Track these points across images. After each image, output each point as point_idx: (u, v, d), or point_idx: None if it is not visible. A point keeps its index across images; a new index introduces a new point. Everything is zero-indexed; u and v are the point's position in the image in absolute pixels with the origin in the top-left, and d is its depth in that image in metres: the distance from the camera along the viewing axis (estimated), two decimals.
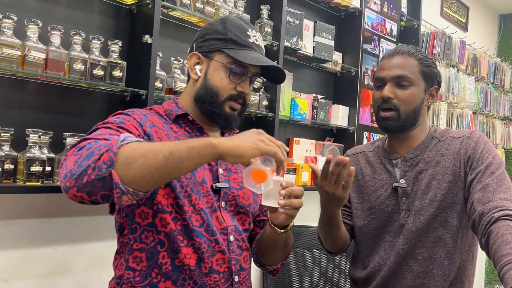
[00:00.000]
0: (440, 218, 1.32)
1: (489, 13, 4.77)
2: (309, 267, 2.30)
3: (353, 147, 1.59)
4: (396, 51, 1.38)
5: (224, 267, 1.16)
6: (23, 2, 1.54)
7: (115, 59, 1.60)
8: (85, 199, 0.93)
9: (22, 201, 1.58)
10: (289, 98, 2.36)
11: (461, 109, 3.86)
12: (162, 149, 0.93)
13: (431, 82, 1.38)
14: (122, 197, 0.92)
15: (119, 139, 0.94)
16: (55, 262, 1.67)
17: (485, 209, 1.14)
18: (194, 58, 1.22)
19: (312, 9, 2.66)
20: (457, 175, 1.31)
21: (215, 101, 1.17)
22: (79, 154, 0.92)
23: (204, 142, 0.95)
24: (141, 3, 1.72)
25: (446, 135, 1.40)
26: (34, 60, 1.41)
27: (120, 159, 0.90)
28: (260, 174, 1.02)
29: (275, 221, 1.17)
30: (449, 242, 1.31)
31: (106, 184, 0.90)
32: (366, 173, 1.46)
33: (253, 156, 0.98)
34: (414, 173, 1.37)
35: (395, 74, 1.34)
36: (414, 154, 1.39)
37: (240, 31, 1.19)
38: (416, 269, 1.33)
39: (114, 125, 1.05)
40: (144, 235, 1.12)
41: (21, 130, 1.46)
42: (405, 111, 1.34)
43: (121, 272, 1.14)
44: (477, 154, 1.29)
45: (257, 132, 1.02)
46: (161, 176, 0.93)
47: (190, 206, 1.12)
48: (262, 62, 1.18)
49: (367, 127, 2.79)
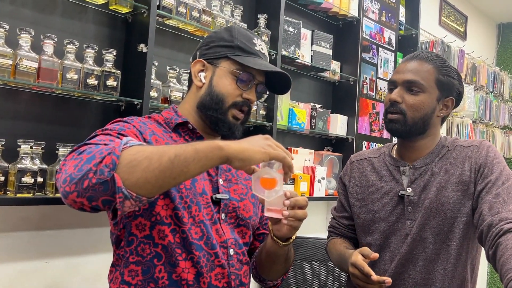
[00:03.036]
0: (446, 229, 1.28)
1: (488, 23, 4.78)
2: (308, 280, 2.26)
3: (357, 153, 1.56)
4: (414, 56, 1.35)
5: (223, 282, 1.12)
6: (17, 11, 1.52)
7: (110, 68, 1.58)
8: (85, 205, 0.88)
9: (13, 214, 1.54)
10: (287, 107, 2.34)
11: (461, 118, 3.84)
12: (167, 151, 0.89)
13: (446, 92, 1.34)
14: (125, 202, 0.87)
15: (122, 142, 0.90)
16: (48, 276, 1.63)
17: (494, 220, 1.11)
18: (198, 65, 1.20)
19: (309, 18, 2.65)
20: (467, 184, 1.28)
21: (220, 107, 1.15)
22: (80, 158, 0.88)
23: (210, 145, 0.92)
24: (136, 12, 1.70)
25: (455, 143, 1.37)
26: (26, 69, 1.39)
27: (123, 162, 0.86)
28: (270, 180, 0.99)
29: (277, 233, 1.13)
30: (454, 254, 1.28)
31: (108, 189, 0.86)
32: (371, 180, 1.42)
33: (261, 160, 0.95)
34: (422, 181, 1.33)
35: (406, 79, 1.32)
36: (424, 163, 1.35)
37: (247, 39, 1.18)
38: (419, 282, 1.29)
39: (114, 131, 1.02)
40: (140, 247, 1.08)
41: (12, 141, 1.43)
42: (412, 117, 1.31)
43: (116, 286, 1.11)
44: (488, 164, 1.27)
45: (265, 137, 0.99)
46: (166, 179, 0.89)
47: (189, 218, 1.09)
48: (271, 68, 1.17)
49: (366, 136, 2.76)
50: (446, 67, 1.34)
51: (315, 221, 2.79)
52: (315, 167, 2.44)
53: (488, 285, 4.59)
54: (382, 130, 2.88)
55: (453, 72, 1.35)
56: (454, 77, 1.34)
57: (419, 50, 1.37)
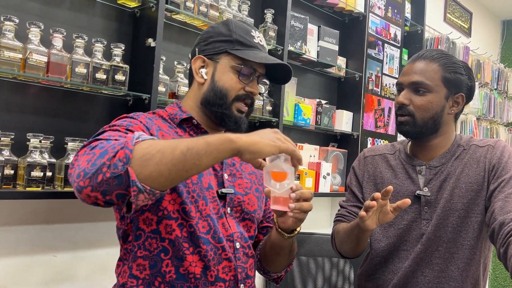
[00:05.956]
0: (460, 228, 1.29)
1: (492, 19, 4.76)
2: (313, 274, 2.26)
3: (370, 147, 1.55)
4: (419, 56, 1.35)
5: (230, 275, 1.13)
6: (25, 5, 1.51)
7: (118, 62, 1.57)
8: (99, 199, 0.89)
9: (22, 207, 1.55)
10: (293, 103, 2.34)
11: (465, 115, 3.83)
12: (179, 144, 0.90)
13: (455, 88, 1.33)
14: (139, 196, 0.88)
15: (134, 136, 0.91)
16: (55, 269, 1.63)
17: (506, 219, 1.11)
18: (198, 61, 1.20)
19: (316, 13, 2.64)
20: (481, 184, 1.28)
21: (224, 102, 1.16)
22: (92, 153, 0.89)
23: (222, 137, 0.93)
24: (145, 6, 1.69)
25: (470, 143, 1.37)
26: (36, 63, 1.39)
27: (137, 155, 0.87)
28: (281, 174, 1.00)
29: (282, 225, 1.14)
30: (468, 253, 1.28)
31: (122, 183, 0.86)
32: (386, 177, 1.42)
33: (271, 153, 0.95)
34: (439, 181, 1.33)
35: (412, 80, 1.32)
36: (440, 163, 1.35)
37: (245, 32, 1.19)
38: (432, 280, 1.30)
39: (122, 127, 1.02)
40: (148, 242, 1.09)
41: (21, 135, 1.43)
42: (421, 118, 1.31)
43: (124, 280, 1.11)
44: (502, 164, 1.26)
45: (273, 131, 1.00)
46: (178, 172, 0.90)
47: (197, 212, 1.09)
48: (272, 60, 1.18)
49: (371, 132, 2.76)
50: (452, 64, 1.33)
51: (319, 217, 2.79)
52: (320, 163, 2.44)
53: (490, 281, 4.60)
54: (387, 126, 2.88)
55: (461, 67, 1.34)
56: (462, 72, 1.33)
57: (424, 49, 1.36)
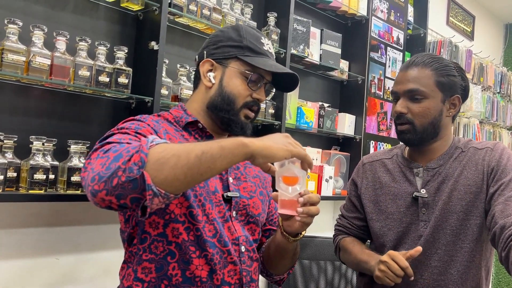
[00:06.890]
0: (458, 231, 1.28)
1: (495, 23, 4.75)
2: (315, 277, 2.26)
3: (369, 154, 1.56)
4: (410, 63, 1.35)
5: (235, 278, 1.13)
6: (29, 8, 1.52)
7: (121, 65, 1.58)
8: (113, 203, 0.89)
9: (25, 210, 1.55)
10: (296, 106, 2.34)
11: (468, 118, 3.82)
12: (194, 148, 0.90)
13: (450, 91, 1.33)
14: (154, 200, 0.88)
15: (148, 140, 0.91)
16: (58, 272, 1.63)
17: (507, 222, 1.11)
18: (207, 65, 1.20)
19: (319, 17, 2.64)
20: (480, 187, 1.28)
21: (232, 108, 1.16)
22: (106, 157, 0.89)
23: (235, 141, 0.93)
24: (148, 10, 1.70)
25: (469, 145, 1.36)
26: (39, 66, 1.39)
27: (152, 159, 0.87)
28: (292, 177, 1.01)
29: (288, 229, 1.14)
30: (467, 256, 1.28)
31: (138, 186, 0.86)
32: (384, 181, 1.42)
33: (283, 157, 0.96)
34: (436, 183, 1.33)
35: (407, 89, 1.32)
36: (438, 164, 1.35)
37: (255, 39, 1.19)
38: (431, 283, 1.29)
39: (131, 130, 1.02)
40: (154, 245, 1.09)
41: (24, 137, 1.43)
42: (421, 124, 1.31)
43: (129, 283, 1.11)
44: (501, 166, 1.26)
45: (284, 136, 1.01)
46: (194, 176, 0.89)
47: (203, 216, 1.09)
48: (281, 69, 1.18)
49: (373, 136, 2.76)
50: (444, 67, 1.32)
51: (322, 220, 2.78)
52: (323, 166, 2.44)
53: (493, 285, 4.58)
54: (390, 129, 2.88)
55: (453, 69, 1.34)
56: (455, 74, 1.33)
57: (415, 55, 1.37)
